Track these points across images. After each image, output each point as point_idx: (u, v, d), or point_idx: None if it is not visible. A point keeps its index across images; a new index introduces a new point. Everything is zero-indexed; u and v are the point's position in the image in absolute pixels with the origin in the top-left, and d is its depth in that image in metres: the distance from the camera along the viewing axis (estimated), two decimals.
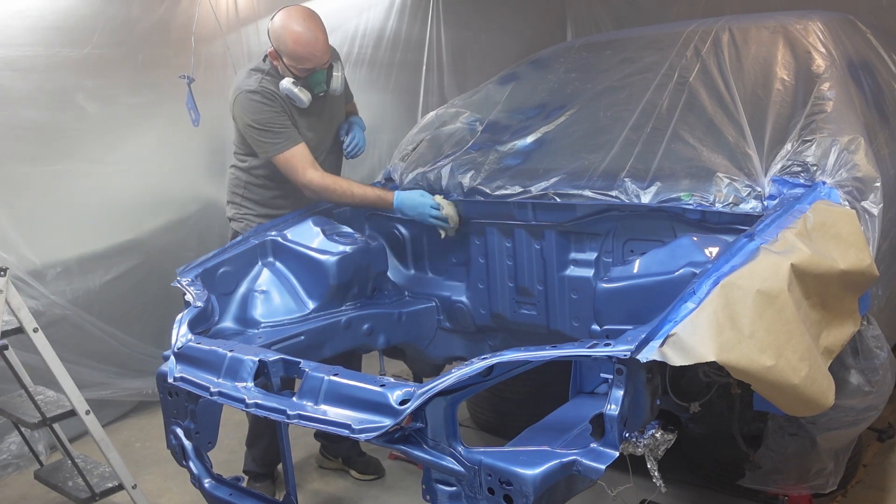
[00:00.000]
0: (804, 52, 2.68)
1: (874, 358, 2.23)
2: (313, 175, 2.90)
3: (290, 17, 2.86)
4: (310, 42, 2.85)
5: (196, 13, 4.10)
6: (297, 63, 2.87)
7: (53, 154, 3.79)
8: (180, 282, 2.66)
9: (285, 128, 2.91)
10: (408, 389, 1.79)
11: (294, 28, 2.84)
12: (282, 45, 2.86)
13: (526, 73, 3.42)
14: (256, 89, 2.89)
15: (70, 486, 2.99)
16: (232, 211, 3.19)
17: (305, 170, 2.89)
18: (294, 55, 2.86)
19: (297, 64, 2.87)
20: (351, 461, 3.45)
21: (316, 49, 2.87)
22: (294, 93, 2.89)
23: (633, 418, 1.72)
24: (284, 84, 2.89)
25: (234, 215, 3.17)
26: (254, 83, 2.91)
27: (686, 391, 2.21)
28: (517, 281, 2.88)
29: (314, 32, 2.86)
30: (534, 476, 1.64)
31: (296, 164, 2.89)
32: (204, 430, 2.38)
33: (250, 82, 2.91)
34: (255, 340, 2.65)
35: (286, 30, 2.84)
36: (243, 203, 3.15)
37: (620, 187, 2.48)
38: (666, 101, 2.71)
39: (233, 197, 3.18)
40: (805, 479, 2.45)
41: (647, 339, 1.63)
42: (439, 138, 3.24)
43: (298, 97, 2.90)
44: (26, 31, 3.63)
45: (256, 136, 2.91)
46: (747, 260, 1.83)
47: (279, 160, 2.91)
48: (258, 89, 2.89)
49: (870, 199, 2.23)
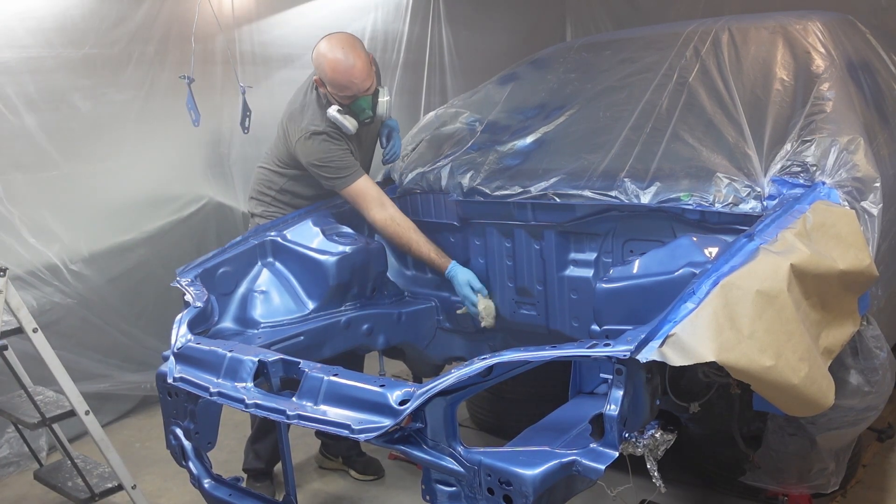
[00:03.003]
0: (804, 52, 2.68)
1: (874, 358, 2.23)
2: (377, 215, 2.95)
3: (329, 44, 2.86)
4: (347, 70, 2.82)
5: (196, 13, 4.09)
6: (338, 91, 2.87)
7: (57, 154, 3.80)
8: (180, 282, 2.66)
9: (350, 164, 2.95)
10: (407, 390, 1.79)
11: (332, 56, 2.83)
12: (322, 73, 2.87)
13: (526, 73, 3.42)
14: (323, 130, 2.91)
15: (70, 487, 2.99)
16: (260, 208, 3.18)
17: (370, 209, 2.95)
18: (334, 83, 2.85)
19: (337, 91, 2.87)
20: (351, 461, 3.45)
21: (353, 76, 2.83)
22: (340, 121, 2.89)
23: (633, 418, 1.72)
24: (331, 112, 2.89)
25: (262, 212, 3.17)
26: (319, 122, 2.92)
27: (686, 391, 2.21)
28: (517, 281, 2.88)
29: (352, 59, 2.82)
30: (533, 476, 1.65)
31: (360, 201, 2.96)
32: (203, 431, 2.38)
33: (315, 121, 2.92)
34: (255, 341, 2.65)
35: (324, 57, 2.84)
36: (273, 203, 3.16)
37: (620, 187, 2.48)
38: (665, 101, 2.71)
39: (261, 196, 3.18)
40: (806, 478, 2.45)
41: (647, 339, 1.63)
42: (439, 138, 3.24)
43: (345, 125, 2.90)
44: (27, 32, 3.64)
45: (321, 173, 2.95)
46: (747, 260, 1.83)
47: (346, 194, 2.97)
48: (325, 130, 2.91)
49: (869, 200, 2.23)
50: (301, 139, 2.93)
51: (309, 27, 4.90)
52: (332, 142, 2.92)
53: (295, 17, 4.84)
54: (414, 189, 3.06)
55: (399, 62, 5.46)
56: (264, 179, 3.18)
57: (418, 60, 5.63)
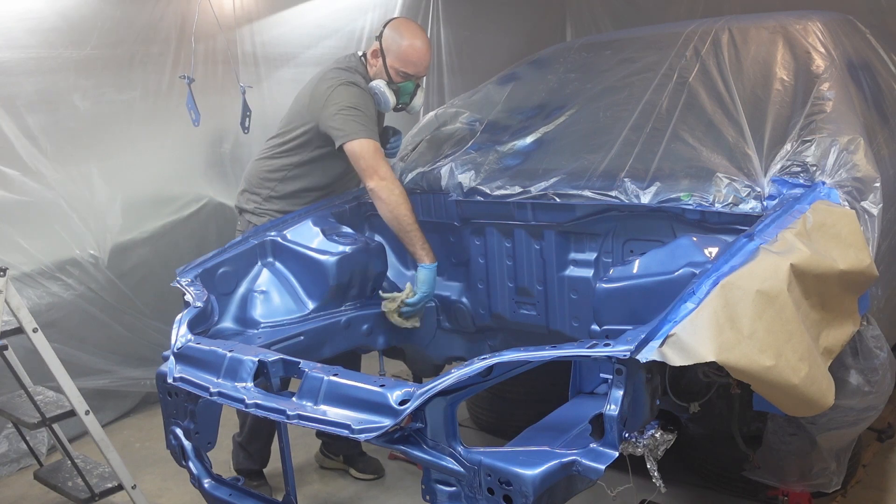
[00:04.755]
0: (804, 52, 2.68)
1: (874, 358, 2.23)
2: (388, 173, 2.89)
3: (408, 25, 3.08)
4: (422, 50, 3.02)
5: (196, 13, 4.10)
6: (404, 66, 3.00)
7: (57, 154, 3.80)
8: (180, 282, 2.65)
9: (373, 122, 2.97)
10: (407, 389, 1.79)
11: (412, 37, 3.02)
12: (396, 46, 2.99)
13: (526, 73, 3.42)
14: (364, 87, 3.00)
15: (70, 487, 2.99)
16: (252, 205, 3.17)
17: (379, 162, 2.89)
18: (406, 58, 2.99)
19: (402, 67, 3.00)
20: (352, 460, 3.45)
21: (425, 58, 3.04)
22: (384, 93, 3.01)
23: (633, 418, 1.72)
24: (377, 83, 3.01)
25: (255, 209, 3.16)
26: (360, 80, 3.01)
27: (686, 391, 2.21)
28: (517, 281, 2.88)
29: (427, 46, 3.05)
30: (533, 476, 1.65)
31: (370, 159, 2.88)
32: (203, 431, 2.38)
33: (356, 78, 3.00)
34: (255, 341, 2.65)
35: (404, 35, 3.01)
36: (269, 198, 3.14)
37: (620, 187, 2.48)
38: (665, 101, 2.71)
39: (259, 189, 3.16)
40: (807, 477, 2.45)
41: (647, 339, 1.63)
42: (439, 138, 3.24)
43: (386, 98, 3.01)
44: (27, 33, 3.64)
45: (347, 117, 2.91)
46: (747, 260, 1.83)
47: (356, 145, 2.88)
48: (365, 87, 3.00)
49: (869, 200, 2.23)
50: (338, 86, 2.95)
51: (308, 27, 4.91)
52: (367, 96, 2.99)
53: (294, 17, 4.84)
54: (414, 189, 3.06)
55: None
56: (265, 170, 3.15)
57: None
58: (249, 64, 4.57)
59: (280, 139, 3.14)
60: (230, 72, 4.32)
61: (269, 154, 3.17)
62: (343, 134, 2.90)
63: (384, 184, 2.85)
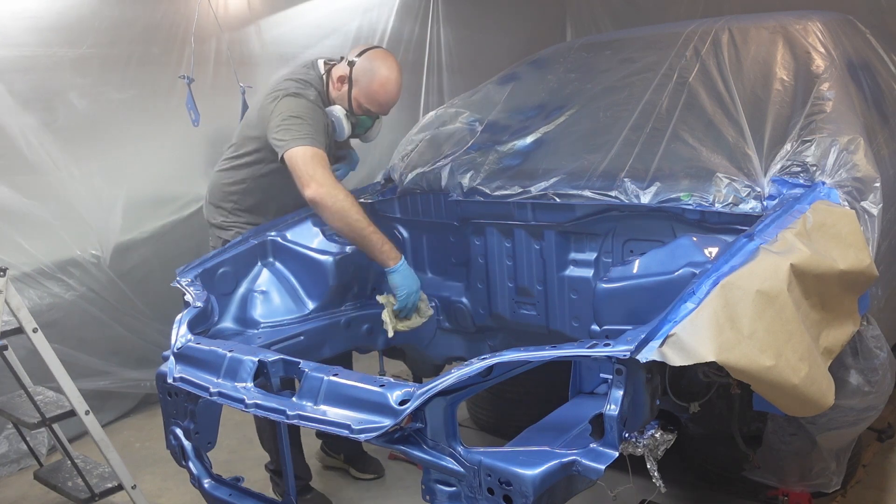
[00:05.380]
0: (804, 52, 2.68)
1: (874, 358, 2.23)
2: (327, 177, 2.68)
3: (384, 62, 2.92)
4: (394, 92, 2.92)
5: (196, 13, 4.10)
6: (369, 103, 2.91)
7: (56, 153, 3.79)
8: (180, 282, 2.66)
9: (319, 132, 2.79)
10: (407, 390, 1.79)
11: (386, 72, 2.90)
12: (364, 80, 2.88)
13: (526, 73, 3.42)
14: (312, 100, 2.84)
15: (70, 487, 2.99)
16: (220, 218, 3.08)
17: (316, 168, 2.67)
18: (373, 96, 2.90)
19: (367, 104, 2.91)
20: (352, 459, 3.45)
21: (394, 100, 2.94)
22: (341, 122, 2.90)
23: (633, 418, 1.72)
24: (336, 111, 2.90)
25: (221, 223, 3.07)
26: (310, 93, 2.86)
27: (686, 391, 2.21)
28: (517, 281, 2.88)
29: (399, 85, 2.93)
30: (533, 476, 1.65)
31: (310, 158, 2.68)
32: (203, 431, 2.38)
33: (307, 91, 2.85)
34: (255, 341, 2.65)
35: (377, 70, 2.88)
36: (235, 211, 3.05)
37: (620, 187, 2.48)
38: (665, 101, 2.71)
39: (222, 203, 3.06)
40: (807, 477, 2.45)
41: (647, 339, 1.63)
42: (439, 138, 3.23)
43: (342, 127, 2.91)
44: (24, 31, 3.63)
45: (288, 127, 2.73)
46: (747, 260, 1.83)
47: (291, 153, 2.69)
48: (314, 100, 2.85)
49: (869, 200, 2.23)
50: (284, 97, 2.79)
51: (308, 27, 4.91)
52: (316, 111, 2.82)
53: (294, 17, 4.84)
54: (414, 189, 3.06)
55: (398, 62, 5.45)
56: (226, 184, 3.04)
57: (417, 60, 5.63)
58: (249, 64, 4.57)
59: (236, 150, 3.04)
60: (230, 72, 4.32)
61: (227, 166, 3.06)
62: (282, 144, 2.73)
63: (324, 190, 2.63)
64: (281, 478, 3.18)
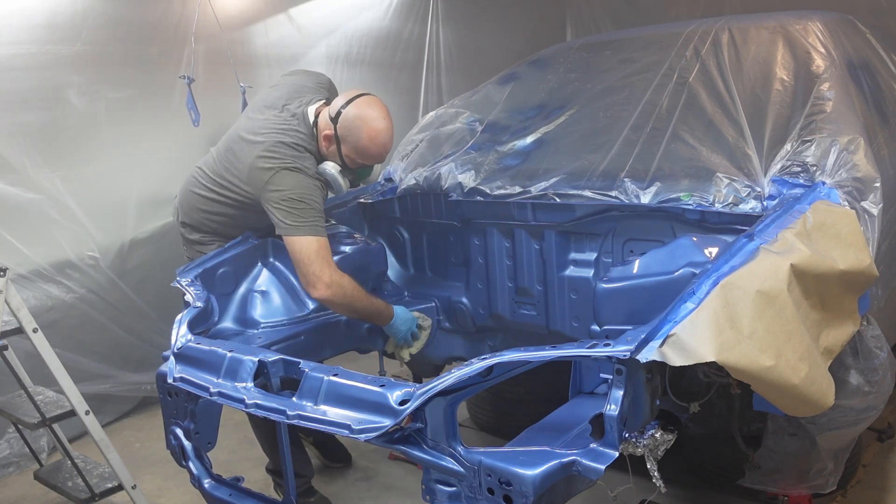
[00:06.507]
0: (804, 52, 2.68)
1: (874, 358, 2.23)
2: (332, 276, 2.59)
3: (370, 109, 2.67)
4: (386, 144, 2.70)
5: (196, 11, 4.09)
6: (362, 158, 2.71)
7: (54, 153, 3.79)
8: (180, 282, 2.66)
9: (318, 211, 2.65)
10: (407, 390, 1.79)
11: (375, 124, 2.66)
12: (352, 138, 2.66)
13: (526, 73, 3.42)
14: (310, 173, 2.66)
15: (70, 487, 2.99)
16: (197, 234, 2.95)
17: (323, 268, 2.58)
18: (365, 151, 2.68)
19: (360, 158, 2.71)
20: (322, 445, 3.45)
21: (385, 149, 2.73)
22: (337, 181, 2.70)
23: (633, 418, 1.72)
24: (328, 169, 2.69)
25: (201, 239, 2.95)
26: (307, 163, 2.66)
27: (686, 391, 2.21)
28: (517, 281, 2.88)
29: (390, 134, 2.70)
30: (533, 476, 1.65)
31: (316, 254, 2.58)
32: (204, 431, 2.39)
33: (303, 160, 2.66)
34: (255, 341, 2.65)
35: (365, 124, 2.65)
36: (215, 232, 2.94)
37: (620, 187, 2.48)
38: (665, 101, 2.72)
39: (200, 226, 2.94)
40: (805, 478, 2.46)
41: (647, 339, 1.63)
42: (439, 138, 3.24)
43: (339, 186, 2.72)
44: (17, 29, 3.62)
45: (290, 210, 2.59)
46: (747, 260, 1.83)
47: (300, 241, 2.58)
48: (312, 173, 2.67)
49: (869, 200, 2.23)
50: (281, 170, 2.62)
51: (308, 27, 4.91)
52: (318, 188, 2.67)
53: (294, 17, 4.84)
54: (414, 189, 3.06)
55: (397, 61, 5.46)
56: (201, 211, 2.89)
57: (416, 60, 5.63)
58: (249, 63, 4.57)
59: (220, 187, 2.82)
60: (230, 72, 4.31)
61: (208, 195, 2.86)
62: (284, 226, 2.61)
63: (332, 291, 2.57)
64: (282, 477, 3.19)
